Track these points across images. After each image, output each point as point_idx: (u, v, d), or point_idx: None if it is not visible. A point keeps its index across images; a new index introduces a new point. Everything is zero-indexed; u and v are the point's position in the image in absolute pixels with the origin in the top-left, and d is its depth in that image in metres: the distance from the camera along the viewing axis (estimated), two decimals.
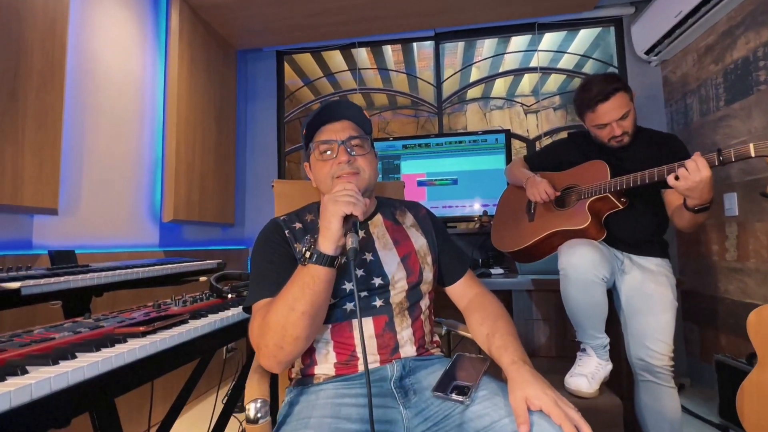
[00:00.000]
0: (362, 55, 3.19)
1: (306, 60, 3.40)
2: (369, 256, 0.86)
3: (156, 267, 1.30)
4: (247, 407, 0.73)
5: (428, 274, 0.89)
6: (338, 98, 0.88)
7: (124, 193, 1.86)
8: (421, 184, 2.49)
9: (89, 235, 1.66)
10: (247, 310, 0.82)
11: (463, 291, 0.94)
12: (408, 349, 0.83)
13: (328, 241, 0.70)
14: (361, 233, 0.89)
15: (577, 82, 3.76)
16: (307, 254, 0.71)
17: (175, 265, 1.42)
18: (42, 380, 0.53)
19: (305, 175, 0.95)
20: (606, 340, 1.31)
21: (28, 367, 0.57)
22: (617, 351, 1.38)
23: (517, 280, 1.73)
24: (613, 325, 1.35)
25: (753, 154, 1.02)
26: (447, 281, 0.95)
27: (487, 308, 0.87)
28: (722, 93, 2.05)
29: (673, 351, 1.28)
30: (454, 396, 0.73)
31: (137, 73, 2.00)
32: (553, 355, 1.73)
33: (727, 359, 1.72)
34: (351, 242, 0.70)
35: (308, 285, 0.70)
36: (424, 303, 0.89)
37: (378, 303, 0.83)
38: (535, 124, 4.34)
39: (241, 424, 1.45)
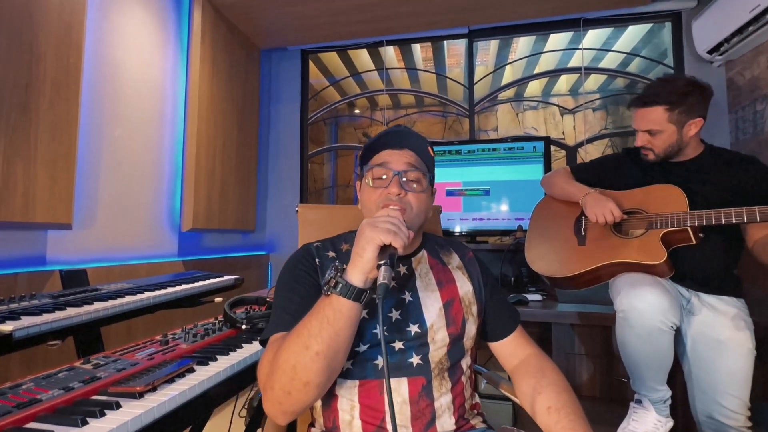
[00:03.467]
0: (390, 51, 3.04)
1: (331, 58, 3.29)
2: (408, 296, 0.76)
3: (168, 290, 1.22)
4: None
5: (471, 327, 0.78)
6: (404, 126, 0.79)
7: (142, 203, 1.80)
8: (450, 194, 2.33)
9: (106, 248, 1.61)
10: (263, 343, 0.72)
11: (513, 350, 0.81)
12: (445, 421, 0.71)
13: (357, 271, 0.60)
14: (403, 269, 0.79)
15: (621, 81, 3.48)
16: (332, 282, 0.60)
17: (189, 285, 1.34)
18: None
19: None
20: (668, 393, 1.14)
21: None
22: (675, 395, 1.20)
23: (558, 312, 1.56)
24: (674, 373, 1.17)
25: None
26: (493, 337, 0.83)
27: (547, 375, 0.75)
28: None
29: (750, 408, 1.10)
30: None
31: (158, 77, 1.93)
32: (597, 396, 1.55)
33: None
34: (382, 277, 0.59)
35: (328, 319, 0.59)
36: (466, 362, 0.78)
37: (415, 360, 0.71)
38: (571, 125, 4.06)
39: None
